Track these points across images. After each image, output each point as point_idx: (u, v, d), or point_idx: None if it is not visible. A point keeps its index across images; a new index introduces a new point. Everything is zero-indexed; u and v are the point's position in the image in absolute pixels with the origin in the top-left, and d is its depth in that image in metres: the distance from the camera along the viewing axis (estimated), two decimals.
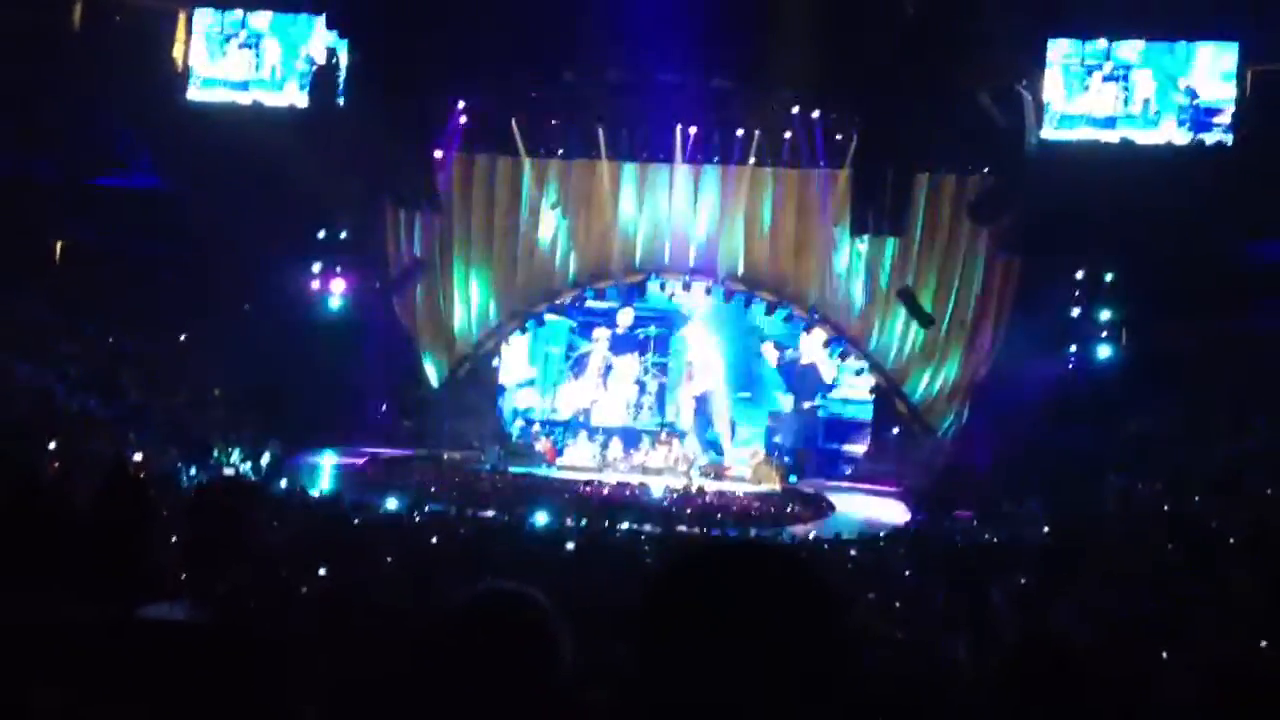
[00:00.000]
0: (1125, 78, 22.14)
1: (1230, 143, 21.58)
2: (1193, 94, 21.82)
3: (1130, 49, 22.12)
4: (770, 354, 26.03)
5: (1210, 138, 21.71)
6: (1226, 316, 20.29)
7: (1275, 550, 11.98)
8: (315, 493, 17.31)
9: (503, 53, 20.99)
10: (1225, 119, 21.71)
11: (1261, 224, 20.99)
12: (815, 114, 22.53)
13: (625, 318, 26.26)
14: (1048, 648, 2.91)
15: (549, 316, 26.17)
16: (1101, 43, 22.14)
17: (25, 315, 21.66)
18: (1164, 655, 8.62)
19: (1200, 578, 11.65)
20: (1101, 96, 22.16)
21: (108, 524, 3.66)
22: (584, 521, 16.19)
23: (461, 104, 23.42)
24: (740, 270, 24.39)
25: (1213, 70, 21.77)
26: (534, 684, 2.20)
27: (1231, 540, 12.98)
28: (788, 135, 22.96)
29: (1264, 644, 8.85)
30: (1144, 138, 21.99)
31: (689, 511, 19.02)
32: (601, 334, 26.45)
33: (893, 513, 20.18)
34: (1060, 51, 22.10)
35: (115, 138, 24.57)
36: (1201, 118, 21.85)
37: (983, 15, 19.69)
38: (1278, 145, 20.90)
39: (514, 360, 26.74)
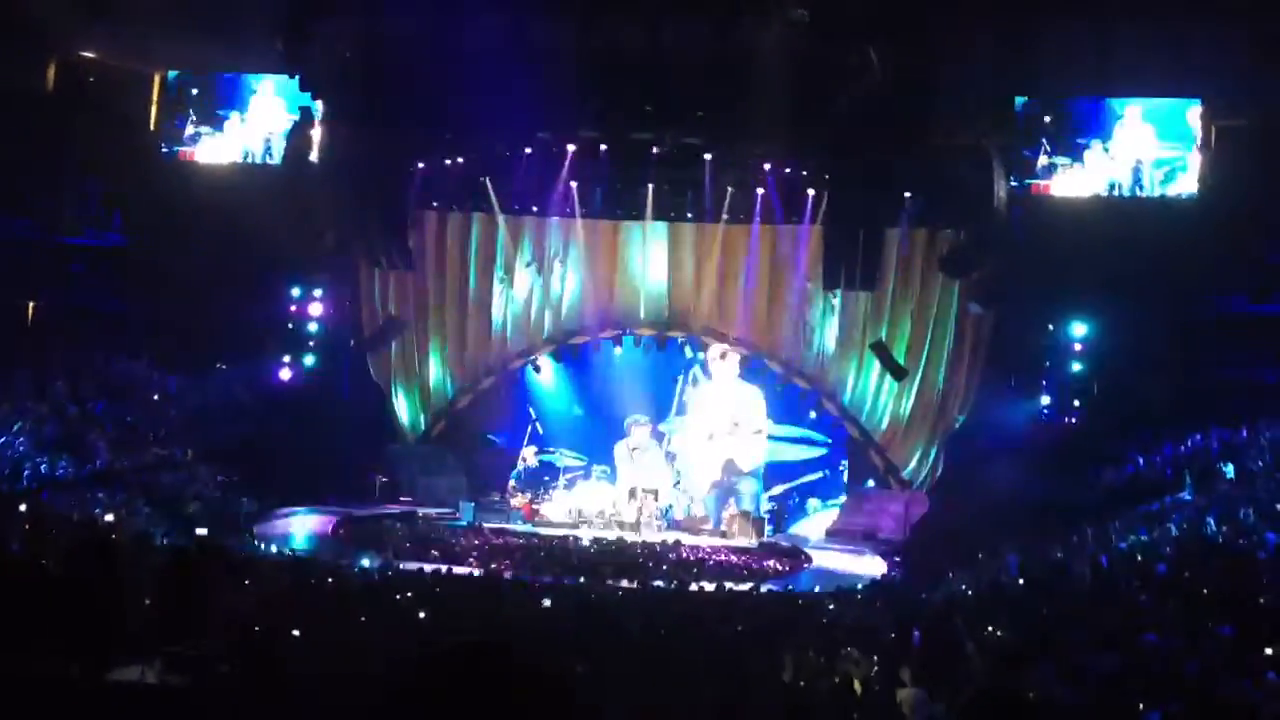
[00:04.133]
0: (1092, 134, 22.47)
1: (1195, 197, 21.90)
2: (1157, 150, 22.17)
3: (1095, 106, 22.48)
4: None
5: (1176, 191, 22.04)
6: (1194, 367, 20.55)
7: (1247, 603, 12.01)
8: (288, 552, 17.14)
9: (475, 112, 21.13)
10: (1190, 174, 22.04)
11: (1226, 276, 21.30)
12: (786, 171, 22.75)
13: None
14: (1004, 699, 2.90)
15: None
16: (1068, 100, 22.50)
17: None
18: (1140, 708, 8.63)
19: (1176, 631, 11.66)
20: (1068, 153, 22.49)
21: (79, 585, 3.63)
22: (561, 578, 16.10)
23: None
24: (715, 325, 24.52)
25: (1176, 126, 22.13)
26: None
27: (1205, 592, 13.01)
28: (760, 192, 23.15)
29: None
30: (1111, 192, 22.29)
31: (665, 568, 18.92)
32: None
33: (869, 565, 20.15)
34: (1027, 108, 22.42)
35: (88, 198, 24.57)
36: (1166, 173, 22.19)
37: (950, 75, 20.04)
38: (1241, 199, 21.23)
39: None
